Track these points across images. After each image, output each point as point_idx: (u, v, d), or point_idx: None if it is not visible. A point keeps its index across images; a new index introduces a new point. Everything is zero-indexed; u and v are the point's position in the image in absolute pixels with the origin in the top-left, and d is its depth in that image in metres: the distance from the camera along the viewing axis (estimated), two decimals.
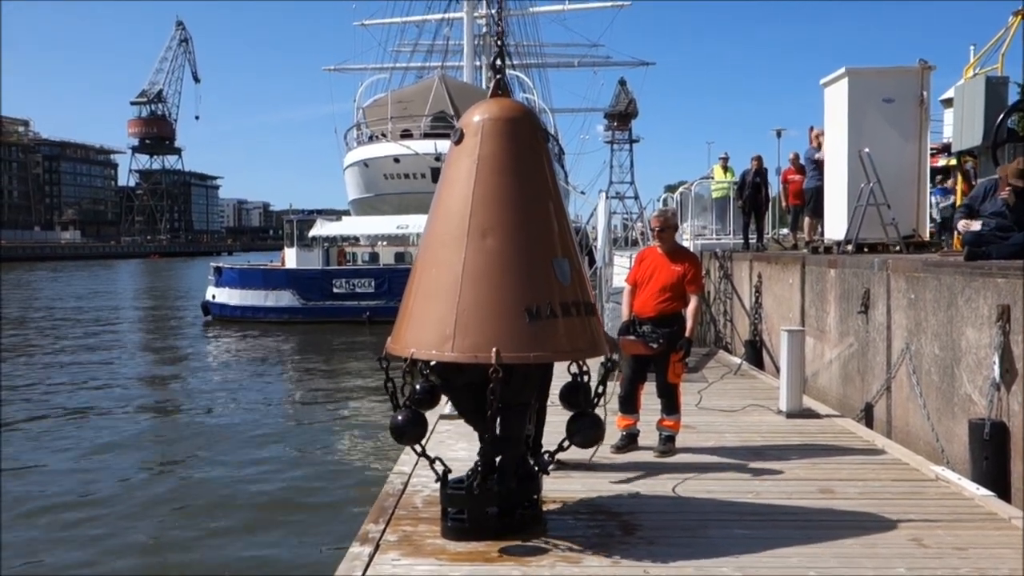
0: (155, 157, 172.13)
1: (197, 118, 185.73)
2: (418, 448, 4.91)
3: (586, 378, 4.89)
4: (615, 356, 4.98)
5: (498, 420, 4.71)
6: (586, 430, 4.82)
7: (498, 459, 4.86)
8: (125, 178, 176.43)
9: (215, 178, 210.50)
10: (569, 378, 4.93)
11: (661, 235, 6.94)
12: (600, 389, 4.89)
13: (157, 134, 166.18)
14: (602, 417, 4.94)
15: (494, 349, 4.34)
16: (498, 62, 5.02)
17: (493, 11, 45.65)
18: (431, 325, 4.50)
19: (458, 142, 4.78)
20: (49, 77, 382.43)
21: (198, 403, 16.38)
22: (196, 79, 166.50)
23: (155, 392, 17.89)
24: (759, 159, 15.46)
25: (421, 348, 4.53)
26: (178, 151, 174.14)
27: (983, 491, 5.58)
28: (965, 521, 5.09)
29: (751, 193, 15.28)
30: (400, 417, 4.76)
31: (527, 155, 4.75)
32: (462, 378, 4.76)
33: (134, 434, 13.65)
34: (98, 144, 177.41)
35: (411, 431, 4.79)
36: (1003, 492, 5.71)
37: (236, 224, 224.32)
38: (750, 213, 15.58)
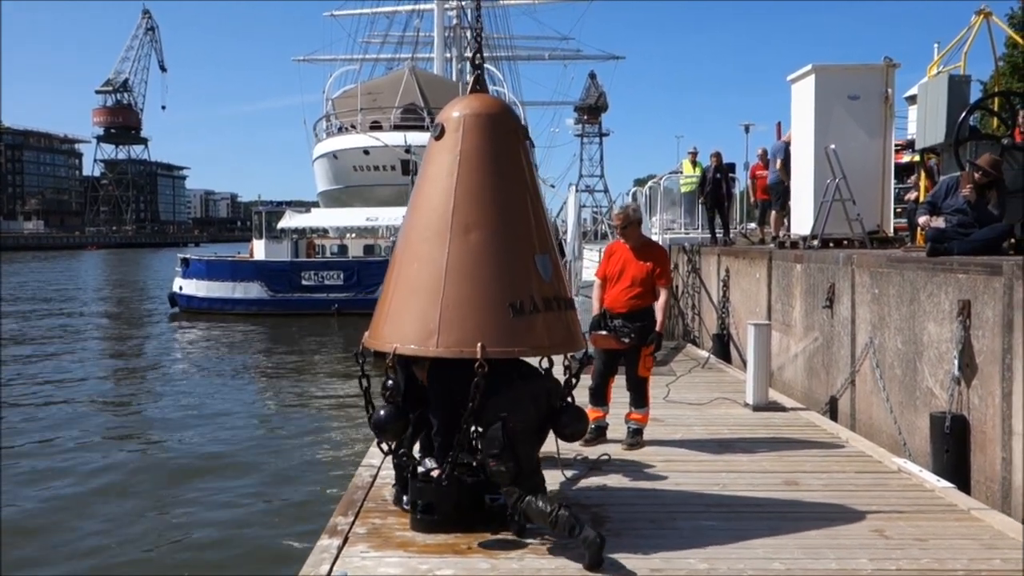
0: (121, 147, 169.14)
1: (163, 108, 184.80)
2: (384, 447, 4.89)
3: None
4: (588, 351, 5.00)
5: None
6: (574, 423, 4.83)
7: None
8: (90, 168, 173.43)
9: (182, 168, 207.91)
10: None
11: (624, 232, 6.91)
12: (573, 382, 4.92)
13: (123, 123, 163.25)
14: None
15: (479, 344, 4.36)
16: (477, 58, 5.04)
17: (466, 2, 45.37)
18: (414, 320, 4.50)
19: (438, 137, 4.79)
20: (12, 65, 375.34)
21: (163, 397, 16.20)
22: (163, 68, 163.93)
23: (119, 386, 17.69)
24: (718, 155, 15.82)
25: (404, 343, 4.53)
26: (144, 141, 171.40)
27: (944, 483, 5.70)
28: (926, 512, 5.19)
29: (712, 189, 15.55)
30: (383, 412, 4.76)
31: (508, 151, 4.79)
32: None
33: (98, 427, 13.49)
34: (62, 133, 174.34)
35: (392, 427, 4.81)
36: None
37: (203, 215, 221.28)
38: (713, 209, 15.84)
